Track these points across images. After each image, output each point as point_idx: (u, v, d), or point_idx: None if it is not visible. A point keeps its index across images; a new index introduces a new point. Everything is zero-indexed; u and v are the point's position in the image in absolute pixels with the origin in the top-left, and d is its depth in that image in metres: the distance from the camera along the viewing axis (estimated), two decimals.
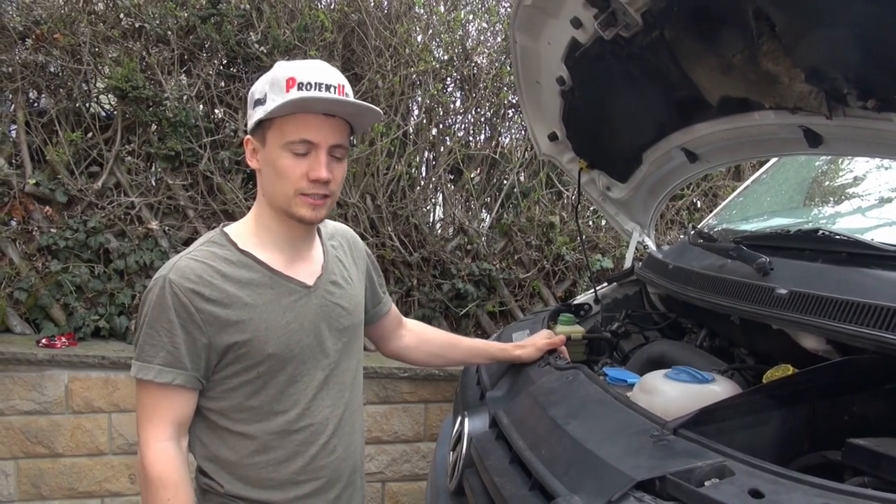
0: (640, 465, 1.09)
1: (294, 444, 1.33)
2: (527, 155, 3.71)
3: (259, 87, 1.31)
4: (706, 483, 1.02)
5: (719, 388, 1.38)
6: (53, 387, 2.94)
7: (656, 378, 1.46)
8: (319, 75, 1.27)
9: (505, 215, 3.78)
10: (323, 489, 1.37)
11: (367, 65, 3.41)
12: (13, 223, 3.19)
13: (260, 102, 1.29)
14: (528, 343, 1.84)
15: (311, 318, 1.35)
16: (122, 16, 3.28)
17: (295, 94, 1.24)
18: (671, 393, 1.38)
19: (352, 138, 3.31)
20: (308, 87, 1.25)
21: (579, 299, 2.58)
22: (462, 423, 1.70)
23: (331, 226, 1.55)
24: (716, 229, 2.36)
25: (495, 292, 3.69)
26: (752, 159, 2.93)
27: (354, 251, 1.54)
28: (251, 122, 1.31)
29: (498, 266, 3.67)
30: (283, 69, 1.29)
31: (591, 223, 3.97)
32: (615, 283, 2.57)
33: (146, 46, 3.26)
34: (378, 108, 1.32)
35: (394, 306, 1.70)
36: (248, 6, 3.33)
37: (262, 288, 1.30)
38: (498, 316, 3.73)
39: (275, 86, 1.27)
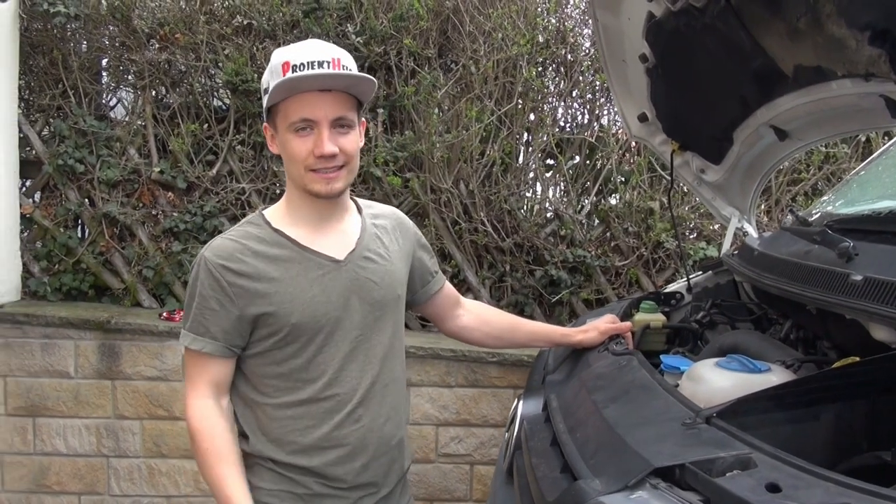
0: (661, 451, 1.04)
1: (321, 411, 1.40)
2: (625, 138, 3.58)
3: (265, 77, 1.37)
4: (727, 474, 0.96)
5: (775, 379, 1.28)
6: (172, 356, 3.24)
7: (705, 366, 1.38)
8: (312, 54, 1.31)
9: (603, 200, 3.67)
10: (348, 457, 1.41)
11: (462, 50, 3.44)
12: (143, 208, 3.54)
13: (266, 92, 1.36)
14: (591, 327, 1.80)
15: (340, 290, 1.41)
16: (235, 15, 3.51)
17: (287, 77, 1.29)
18: (718, 382, 1.29)
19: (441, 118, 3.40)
20: (301, 67, 1.30)
21: (671, 288, 2.48)
22: (517, 405, 1.70)
23: (381, 207, 1.61)
24: (818, 213, 2.17)
25: (591, 280, 3.60)
26: (843, 135, 2.69)
27: (400, 230, 1.58)
28: (264, 112, 1.39)
29: (594, 253, 3.57)
30: (278, 55, 1.35)
31: (699, 210, 3.76)
32: (710, 272, 2.44)
33: (255, 42, 3.47)
34: (371, 77, 1.35)
35: (448, 286, 1.72)
36: None
37: (290, 263, 1.39)
38: (594, 304, 3.62)
39: (273, 73, 1.33)
